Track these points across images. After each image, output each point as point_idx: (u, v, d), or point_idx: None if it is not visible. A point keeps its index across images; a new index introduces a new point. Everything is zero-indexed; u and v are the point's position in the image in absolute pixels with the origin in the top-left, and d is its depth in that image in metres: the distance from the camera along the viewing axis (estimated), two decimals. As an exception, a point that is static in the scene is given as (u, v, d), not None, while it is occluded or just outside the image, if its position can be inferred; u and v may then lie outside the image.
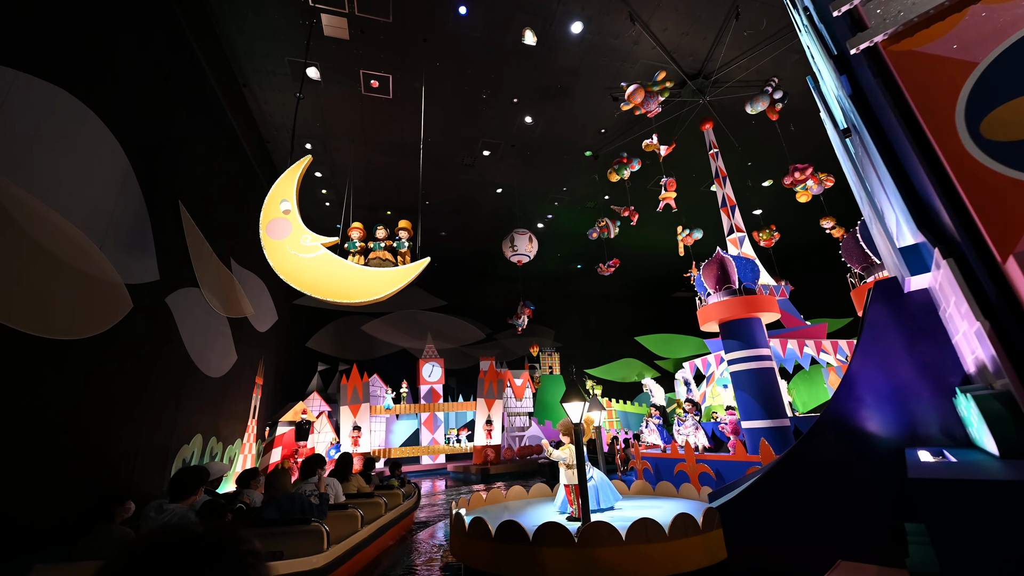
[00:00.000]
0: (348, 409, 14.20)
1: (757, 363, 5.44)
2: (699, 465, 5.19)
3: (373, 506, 5.18)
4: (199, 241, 7.85)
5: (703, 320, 5.99)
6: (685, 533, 2.85)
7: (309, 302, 15.92)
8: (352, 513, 4.45)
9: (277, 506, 3.69)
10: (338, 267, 6.42)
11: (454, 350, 19.74)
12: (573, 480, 3.64)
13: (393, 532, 5.58)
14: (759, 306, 5.49)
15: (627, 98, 7.40)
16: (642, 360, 23.90)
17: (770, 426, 5.16)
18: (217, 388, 8.74)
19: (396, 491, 6.12)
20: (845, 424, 2.70)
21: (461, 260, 18.83)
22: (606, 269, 12.01)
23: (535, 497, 4.98)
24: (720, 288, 5.80)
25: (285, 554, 3.31)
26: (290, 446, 8.85)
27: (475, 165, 12.60)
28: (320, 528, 3.62)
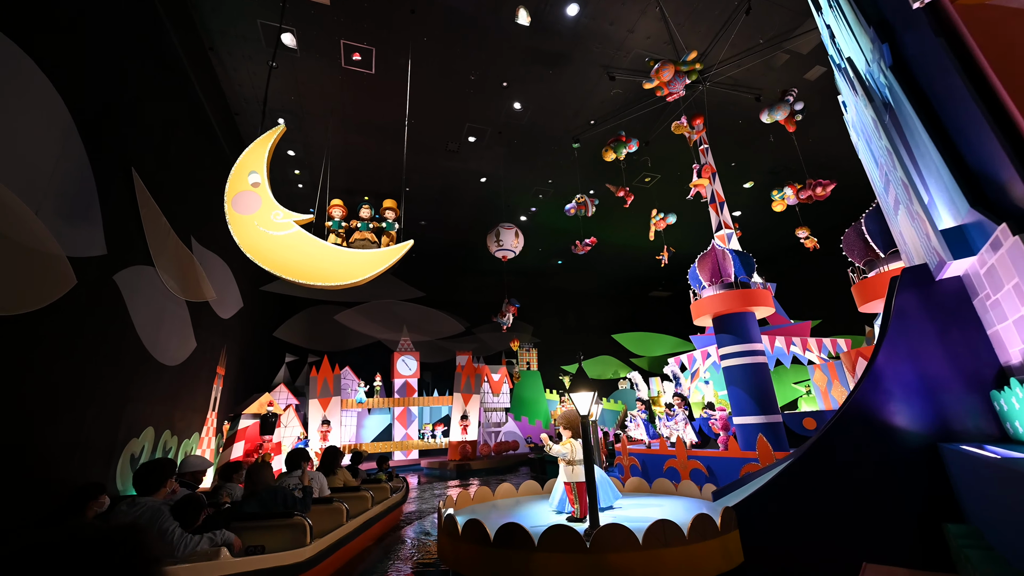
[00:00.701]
0: (318, 402, 13.55)
1: (751, 358, 5.34)
2: (691, 462, 5.05)
3: (359, 500, 5.09)
4: (155, 215, 7.14)
5: (697, 314, 5.86)
6: (704, 536, 2.63)
7: (277, 288, 15.09)
8: (337, 507, 4.36)
9: (259, 500, 3.65)
10: (312, 247, 5.92)
11: (430, 343, 19.24)
12: (574, 478, 3.37)
13: (380, 526, 5.49)
14: (754, 300, 5.39)
15: (653, 75, 6.97)
16: (618, 358, 24.10)
17: (763, 422, 5.06)
18: (173, 377, 8.03)
19: (383, 485, 6.01)
20: (872, 419, 2.54)
21: (440, 251, 18.33)
22: (582, 247, 11.57)
23: (526, 495, 4.71)
24: (716, 281, 5.68)
25: (267, 548, 3.24)
26: (254, 440, 8.24)
27: (460, 152, 12.17)
28: (303, 522, 3.56)
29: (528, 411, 18.64)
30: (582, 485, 3.33)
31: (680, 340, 23.42)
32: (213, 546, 2.89)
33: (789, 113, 7.05)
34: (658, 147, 12.33)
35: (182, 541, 2.79)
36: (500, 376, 16.99)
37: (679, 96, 7.17)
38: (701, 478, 5.03)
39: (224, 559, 2.84)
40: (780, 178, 13.26)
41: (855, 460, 2.59)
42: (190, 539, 2.83)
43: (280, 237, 5.87)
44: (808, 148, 12.27)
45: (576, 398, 2.83)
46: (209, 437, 9.89)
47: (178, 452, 8.24)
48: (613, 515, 3.42)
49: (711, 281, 5.78)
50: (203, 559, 2.78)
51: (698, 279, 6.08)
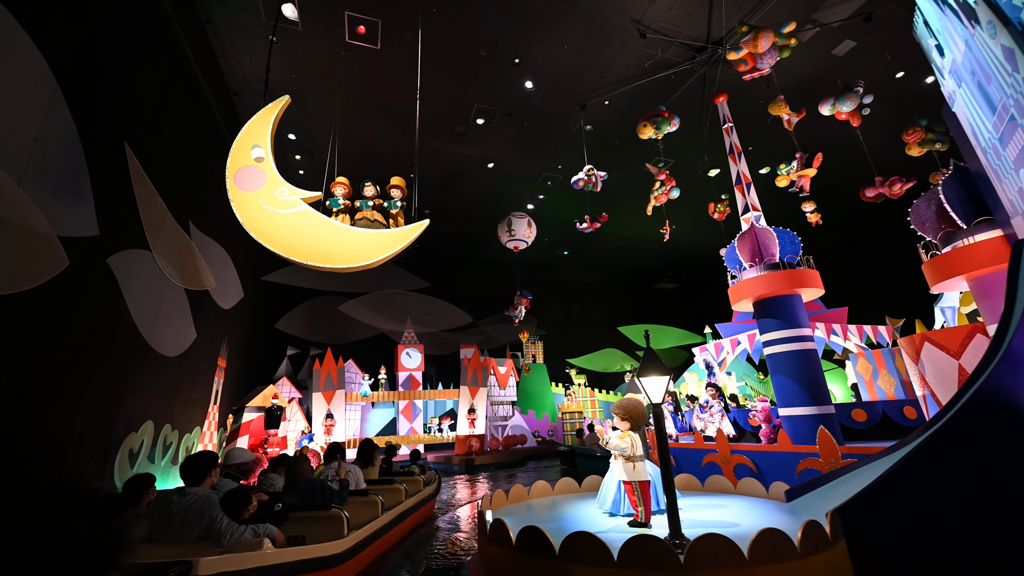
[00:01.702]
0: (321, 396, 13.16)
1: (799, 344, 4.95)
2: (735, 456, 4.67)
3: (394, 492, 5.17)
4: (150, 195, 6.68)
5: (736, 298, 5.46)
6: (816, 547, 2.23)
7: (279, 278, 14.64)
8: (372, 499, 4.44)
9: (299, 491, 3.79)
10: (322, 226, 5.48)
11: (434, 336, 18.84)
12: (636, 476, 2.98)
13: (414, 518, 5.57)
14: (802, 281, 4.98)
15: (742, 44, 6.22)
16: (623, 350, 23.77)
17: (815, 413, 4.68)
18: (172, 369, 7.61)
19: (417, 478, 6.05)
20: (1013, 407, 2.16)
21: (443, 240, 17.84)
22: (591, 224, 10.72)
23: (563, 493, 4.33)
24: (757, 262, 5.27)
25: (307, 539, 3.36)
26: (258, 435, 7.84)
27: (467, 135, 11.68)
28: (340, 514, 3.66)
29: (535, 404, 18.32)
30: (646, 485, 2.95)
31: (687, 332, 23.11)
32: (256, 537, 3.00)
33: (857, 106, 6.36)
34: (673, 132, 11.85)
35: (229, 530, 2.90)
36: (506, 369, 16.63)
37: (763, 74, 6.42)
38: (745, 473, 4.66)
39: (267, 549, 2.95)
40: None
41: (990, 456, 2.21)
42: (236, 528, 2.93)
43: (286, 216, 5.43)
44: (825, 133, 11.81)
45: (647, 384, 2.42)
46: (211, 432, 9.49)
47: (179, 447, 7.84)
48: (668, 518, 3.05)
49: (752, 262, 5.38)
50: (247, 549, 2.89)
51: (736, 260, 5.68)
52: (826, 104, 6.67)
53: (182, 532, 2.86)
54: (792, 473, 4.27)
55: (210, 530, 2.85)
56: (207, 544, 2.86)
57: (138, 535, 2.86)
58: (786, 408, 4.90)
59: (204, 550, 2.76)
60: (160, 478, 7.17)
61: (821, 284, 5.05)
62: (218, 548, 2.82)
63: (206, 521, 2.86)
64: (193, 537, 2.88)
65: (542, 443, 16.75)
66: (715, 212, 11.47)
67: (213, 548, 2.82)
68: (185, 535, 2.86)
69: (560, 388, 19.35)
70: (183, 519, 2.86)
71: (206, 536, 2.88)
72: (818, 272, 5.07)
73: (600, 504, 3.52)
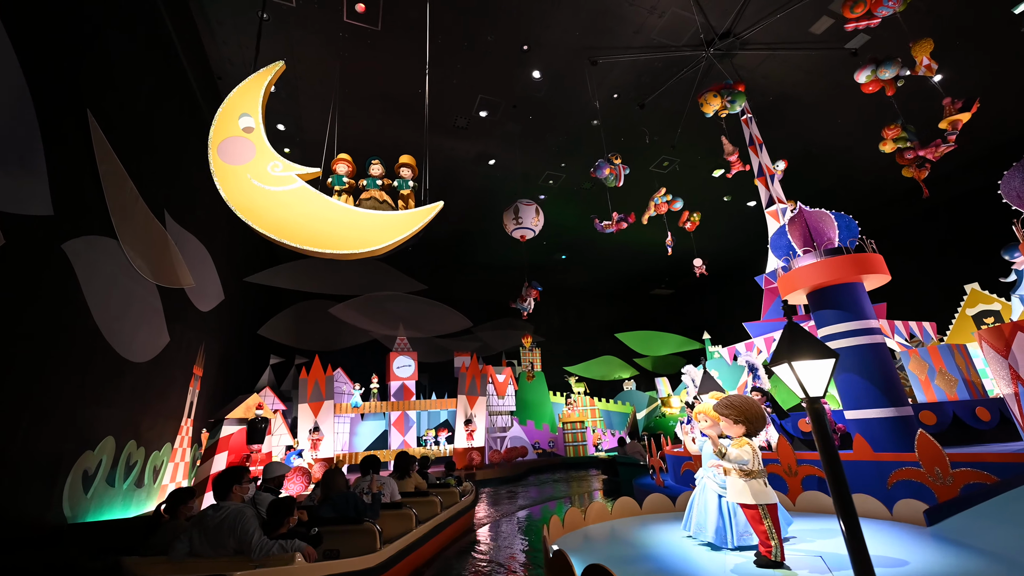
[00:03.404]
0: (308, 408, 12.18)
1: (867, 337, 4.41)
2: (803, 467, 4.02)
3: (428, 505, 5.11)
4: (118, 175, 5.85)
5: (788, 289, 4.92)
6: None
7: (263, 280, 13.67)
8: (406, 513, 4.42)
9: (332, 505, 3.84)
10: (322, 206, 4.76)
11: (427, 342, 17.95)
12: (761, 497, 2.28)
13: (451, 531, 5.50)
14: (868, 267, 4.45)
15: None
16: (621, 358, 23.21)
17: (891, 416, 4.12)
18: (140, 376, 6.68)
19: (452, 490, 6.00)
20: None
21: (438, 242, 17.08)
22: (615, 225, 9.61)
23: (623, 516, 3.61)
24: (817, 247, 4.75)
25: (341, 552, 3.40)
26: (239, 451, 6.92)
27: (469, 128, 11.09)
28: (372, 528, 3.69)
29: (534, 415, 17.53)
30: (775, 509, 2.29)
31: (685, 339, 22.71)
32: (284, 552, 3.00)
33: (896, 75, 5.97)
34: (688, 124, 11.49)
35: (259, 544, 2.95)
36: (505, 377, 15.86)
37: (875, 24, 5.74)
38: (813, 486, 4.05)
39: (298, 564, 2.97)
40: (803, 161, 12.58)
41: None
42: (265, 543, 2.98)
43: (279, 193, 4.69)
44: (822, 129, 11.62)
45: (802, 371, 1.76)
46: (184, 448, 8.48)
47: (145, 466, 6.86)
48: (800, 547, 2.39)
49: (807, 248, 4.87)
50: (279, 563, 2.92)
51: (784, 248, 5.17)
52: (863, 71, 6.21)
53: (219, 546, 2.95)
54: (876, 486, 3.68)
55: (241, 543, 2.92)
56: (242, 558, 2.93)
57: (180, 551, 2.93)
58: (855, 411, 4.33)
59: (240, 564, 2.86)
60: (121, 504, 6.20)
61: (887, 270, 4.55)
62: (251, 562, 2.90)
63: (239, 534, 2.93)
64: (230, 550, 2.96)
65: (542, 455, 15.94)
66: (687, 222, 10.98)
67: (248, 562, 2.90)
68: (221, 549, 2.95)
69: (559, 397, 18.61)
70: (218, 533, 2.96)
71: (240, 549, 2.95)
72: (882, 257, 4.57)
73: (695, 532, 2.83)
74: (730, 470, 2.42)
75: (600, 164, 8.33)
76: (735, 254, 20.04)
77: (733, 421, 2.42)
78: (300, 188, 4.78)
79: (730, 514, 2.64)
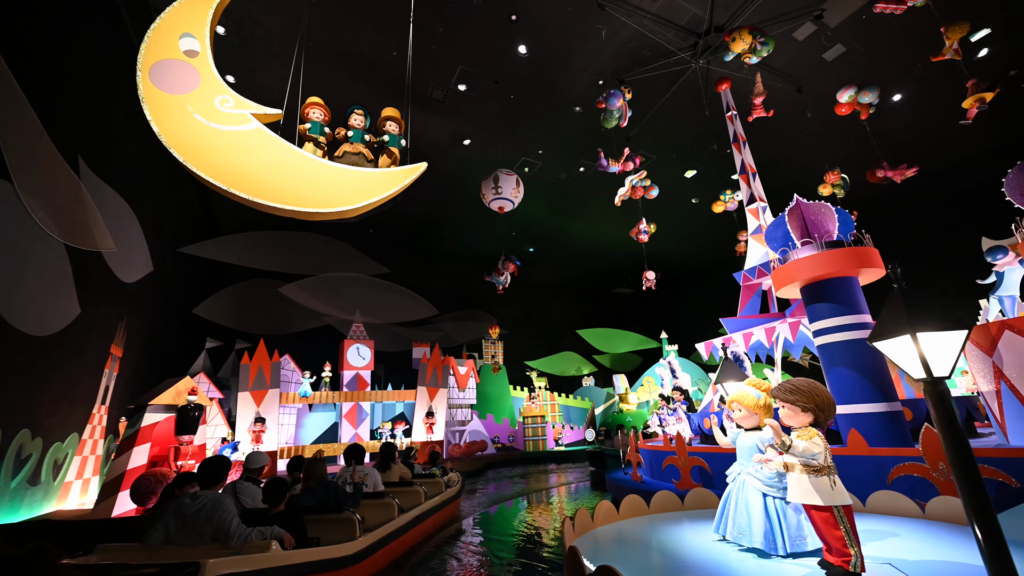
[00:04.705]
0: (249, 396, 11.04)
1: (861, 332, 4.35)
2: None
3: (412, 494, 5.17)
4: (16, 102, 4.73)
5: (783, 281, 4.79)
6: None
7: (202, 252, 12.22)
8: (388, 502, 4.48)
9: (313, 494, 3.87)
10: (285, 154, 4.02)
11: (384, 331, 17.00)
12: (833, 497, 1.94)
13: (435, 520, 5.56)
14: (865, 260, 4.39)
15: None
16: (581, 354, 23.32)
17: (883, 411, 4.07)
18: (39, 353, 5.54)
19: (437, 480, 6.02)
20: None
21: (401, 225, 16.16)
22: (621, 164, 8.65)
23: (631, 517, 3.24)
24: (816, 240, 4.64)
25: (321, 541, 3.42)
26: (165, 442, 5.93)
27: (446, 102, 10.39)
28: (352, 516, 3.73)
29: (494, 408, 17.12)
30: (851, 511, 1.97)
31: (644, 337, 23.19)
32: (262, 539, 3.02)
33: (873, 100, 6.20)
34: (660, 122, 11.45)
35: (237, 531, 2.95)
36: (467, 369, 15.31)
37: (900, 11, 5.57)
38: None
39: (275, 551, 2.99)
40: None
41: None
42: (244, 530, 2.98)
43: (230, 133, 3.90)
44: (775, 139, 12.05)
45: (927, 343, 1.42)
46: (95, 439, 7.27)
47: (42, 460, 5.72)
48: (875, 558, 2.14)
49: (804, 240, 4.76)
50: (256, 550, 2.94)
51: (783, 239, 5.05)
52: (845, 92, 6.33)
53: (196, 534, 2.94)
54: (875, 481, 3.58)
55: (219, 531, 2.93)
56: (219, 546, 2.93)
57: (156, 539, 2.90)
58: (846, 405, 4.26)
59: (216, 551, 2.85)
60: (8, 506, 5.10)
61: (883, 264, 4.54)
62: (228, 549, 2.90)
63: (216, 522, 2.93)
64: (207, 538, 2.94)
65: (502, 450, 15.57)
66: (640, 233, 10.99)
67: (224, 549, 2.90)
68: (198, 536, 2.93)
69: (520, 391, 18.32)
70: (195, 521, 2.93)
71: (217, 537, 2.94)
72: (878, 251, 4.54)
73: (734, 536, 2.48)
74: (793, 466, 2.09)
75: (613, 93, 7.40)
76: (700, 258, 20.61)
77: (801, 409, 2.09)
78: (256, 130, 4.01)
79: (779, 516, 2.33)
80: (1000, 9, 8.40)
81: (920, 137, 11.97)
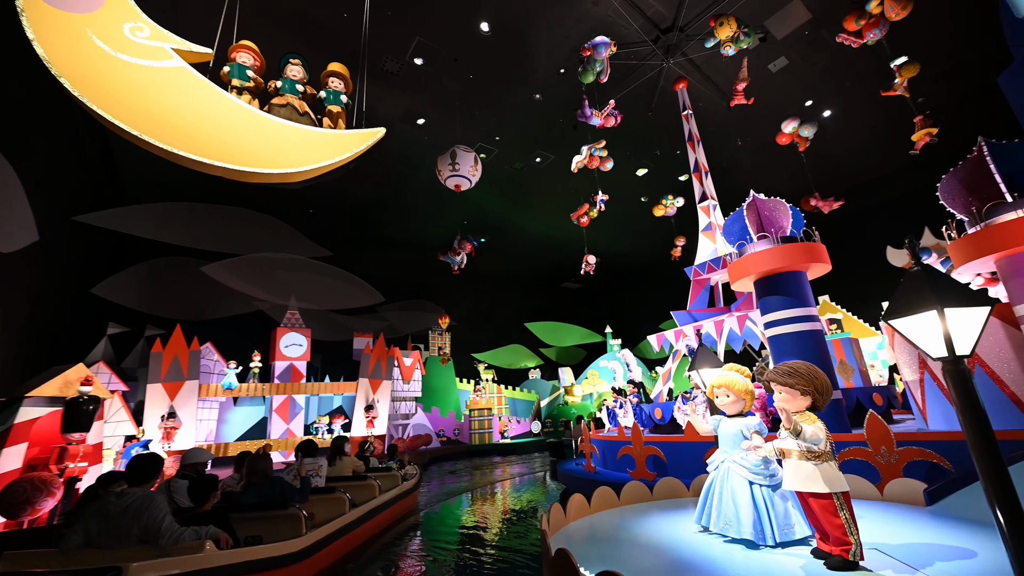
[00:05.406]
0: (161, 388, 9.80)
1: (808, 324, 4.59)
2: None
3: (366, 488, 5.08)
4: None
5: (739, 274, 4.94)
6: None
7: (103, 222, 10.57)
8: (339, 497, 4.40)
9: (256, 491, 3.74)
10: (216, 100, 3.41)
11: (321, 318, 15.88)
12: (835, 484, 1.87)
13: (389, 514, 5.50)
14: (815, 255, 4.64)
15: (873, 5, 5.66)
16: (529, 347, 23.44)
17: (827, 398, 4.34)
18: None
19: (394, 473, 5.97)
20: None
21: (340, 206, 15.11)
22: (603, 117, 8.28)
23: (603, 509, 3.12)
24: (772, 234, 4.82)
25: (264, 539, 3.31)
26: (47, 441, 4.96)
27: (400, 75, 9.75)
28: (298, 512, 3.62)
29: (439, 401, 16.68)
30: (849, 497, 1.91)
31: (589, 331, 23.79)
32: (197, 538, 2.84)
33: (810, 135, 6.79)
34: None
35: (168, 531, 2.75)
36: (412, 361, 14.73)
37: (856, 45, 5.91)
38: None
39: (209, 551, 2.82)
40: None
41: None
42: (176, 529, 2.80)
43: (144, 70, 3.24)
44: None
45: (953, 320, 1.35)
46: (-49, 440, 5.97)
47: None
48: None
49: (761, 235, 4.94)
50: (187, 551, 2.77)
51: (740, 234, 5.21)
52: (789, 123, 6.86)
53: (121, 535, 2.69)
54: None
55: (148, 531, 2.72)
56: (147, 548, 2.72)
57: (73, 542, 2.63)
58: (794, 394, 4.50)
59: (142, 554, 2.67)
60: None
61: (829, 260, 4.82)
62: (156, 551, 2.73)
63: (145, 521, 2.72)
64: (133, 540, 2.72)
65: (447, 443, 15.21)
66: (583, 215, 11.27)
67: (152, 552, 2.72)
68: (124, 538, 2.70)
69: (466, 384, 18.01)
70: (121, 521, 2.69)
71: (145, 538, 2.73)
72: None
73: (720, 528, 2.39)
74: (790, 452, 2.04)
75: (602, 41, 7.02)
76: (644, 257, 21.38)
77: (801, 392, 2.03)
78: (179, 69, 3.36)
79: (767, 504, 2.28)
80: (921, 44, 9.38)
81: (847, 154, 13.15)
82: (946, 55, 9.64)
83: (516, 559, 4.02)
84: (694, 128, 8.49)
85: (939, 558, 1.99)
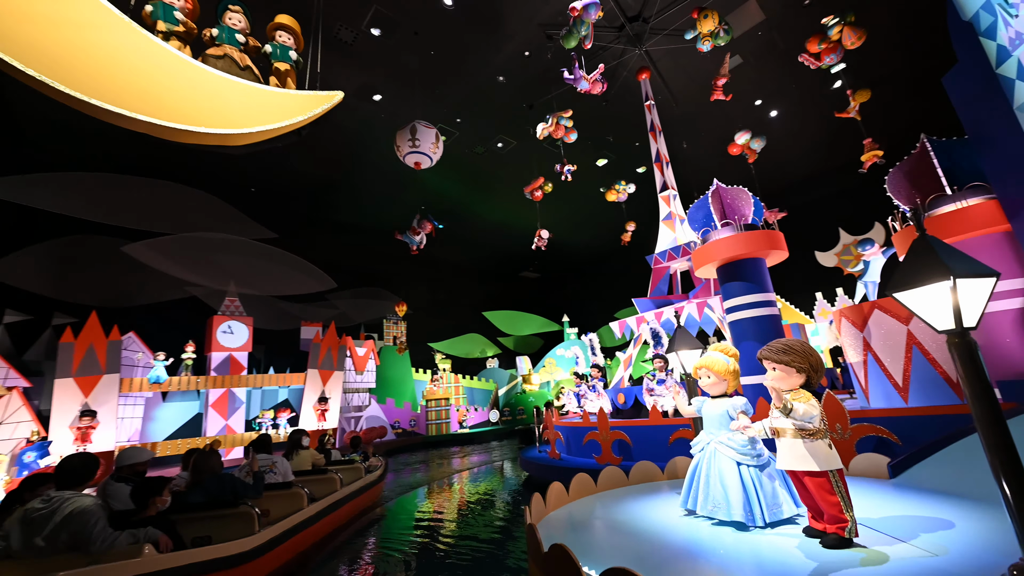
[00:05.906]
0: (73, 383, 8.68)
1: (767, 309, 4.79)
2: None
3: (327, 482, 4.94)
4: None
5: (703, 260, 5.05)
6: None
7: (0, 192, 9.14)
8: (296, 492, 4.22)
9: (204, 489, 3.61)
10: (133, 39, 2.90)
11: (264, 305, 14.81)
12: (829, 462, 1.86)
13: (352, 507, 5.34)
14: (774, 243, 4.84)
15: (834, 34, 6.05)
16: (486, 336, 23.30)
17: (782, 380, 4.54)
18: None
19: (356, 466, 5.83)
20: None
21: (286, 186, 14.08)
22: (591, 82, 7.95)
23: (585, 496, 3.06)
24: (735, 222, 4.95)
25: (214, 539, 3.16)
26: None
27: (355, 46, 9.09)
28: (250, 510, 3.47)
29: (394, 392, 16.17)
30: (843, 474, 1.90)
31: (547, 320, 24.03)
32: (135, 543, 2.69)
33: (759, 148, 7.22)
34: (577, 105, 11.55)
35: (101, 536, 2.57)
36: (366, 351, 14.12)
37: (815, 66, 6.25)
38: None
39: (148, 556, 2.67)
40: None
41: None
42: (110, 534, 2.62)
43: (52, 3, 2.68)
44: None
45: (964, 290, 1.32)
46: None
47: None
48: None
49: (725, 222, 5.06)
50: (123, 557, 2.61)
51: (704, 220, 5.32)
52: (742, 135, 7.26)
53: (47, 543, 2.47)
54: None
55: (78, 537, 2.50)
56: (75, 557, 2.50)
57: None
58: (753, 376, 4.69)
59: (70, 563, 2.46)
60: None
61: (786, 247, 5.04)
62: (87, 559, 2.52)
63: (74, 527, 2.50)
64: (61, 547, 2.50)
65: (402, 435, 14.80)
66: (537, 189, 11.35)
67: (81, 560, 2.51)
68: (51, 547, 2.47)
69: (423, 374, 17.60)
70: (46, 527, 2.47)
71: (75, 545, 2.51)
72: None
73: (708, 511, 2.34)
74: (783, 431, 2.02)
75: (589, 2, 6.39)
76: (600, 248, 21.78)
77: (796, 369, 2.02)
78: (97, 7, 2.81)
79: (755, 485, 2.28)
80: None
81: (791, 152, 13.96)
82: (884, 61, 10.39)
83: (481, 548, 3.90)
84: (656, 118, 8.61)
85: (921, 529, 2.07)
